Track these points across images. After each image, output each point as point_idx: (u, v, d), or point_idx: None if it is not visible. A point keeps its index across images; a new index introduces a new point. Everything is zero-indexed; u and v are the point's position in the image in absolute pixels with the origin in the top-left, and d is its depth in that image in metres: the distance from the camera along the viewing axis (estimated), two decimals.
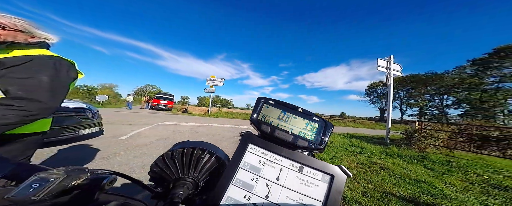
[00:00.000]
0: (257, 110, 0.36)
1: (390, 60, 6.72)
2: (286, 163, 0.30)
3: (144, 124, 6.35)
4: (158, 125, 6.58)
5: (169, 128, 6.11)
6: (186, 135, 5.10)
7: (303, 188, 0.27)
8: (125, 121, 6.89)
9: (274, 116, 0.35)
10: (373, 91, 45.04)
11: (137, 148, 3.23)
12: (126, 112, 11.77)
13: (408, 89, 36.44)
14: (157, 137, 4.41)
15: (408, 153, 4.35)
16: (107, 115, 8.21)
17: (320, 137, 0.34)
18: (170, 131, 5.46)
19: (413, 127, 5.09)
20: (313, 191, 0.27)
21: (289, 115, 0.35)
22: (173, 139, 4.38)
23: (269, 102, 0.36)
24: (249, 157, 0.30)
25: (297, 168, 0.29)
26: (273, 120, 0.35)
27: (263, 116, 0.35)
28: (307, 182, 0.28)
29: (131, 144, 3.50)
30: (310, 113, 0.36)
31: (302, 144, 0.33)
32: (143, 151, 3.11)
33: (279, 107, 0.36)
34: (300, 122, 0.35)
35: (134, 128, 5.32)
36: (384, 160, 3.67)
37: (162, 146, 3.62)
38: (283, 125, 0.34)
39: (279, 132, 0.33)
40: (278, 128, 0.34)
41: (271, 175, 0.29)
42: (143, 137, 4.27)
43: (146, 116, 9.52)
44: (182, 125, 7.23)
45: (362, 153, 4.27)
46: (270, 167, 0.29)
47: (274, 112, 0.35)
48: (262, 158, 0.30)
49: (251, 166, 0.29)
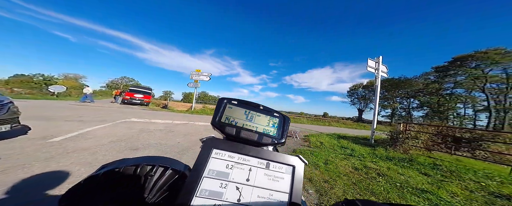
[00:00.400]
0: (220, 112, 0.34)
1: (379, 61, 6.77)
2: (254, 162, 0.29)
3: (100, 121, 5.11)
4: (122, 122, 5.40)
5: (135, 126, 5.02)
6: (157, 135, 4.17)
7: (272, 184, 0.27)
8: (74, 116, 5.50)
9: (239, 116, 0.35)
10: (354, 93, 48.32)
11: (72, 155, 2.28)
12: (83, 105, 9.83)
13: (383, 92, 40.13)
14: (112, 138, 3.42)
15: (395, 155, 4.30)
16: (50, 109, 6.57)
17: (280, 131, 0.35)
18: (136, 130, 4.43)
19: (398, 128, 5.13)
20: (280, 184, 0.28)
21: (253, 114, 0.35)
22: (136, 141, 3.45)
23: (232, 103, 0.35)
24: (214, 164, 0.28)
25: (265, 165, 0.29)
26: (238, 120, 0.34)
27: (227, 117, 0.34)
28: (274, 177, 0.28)
29: (65, 149, 2.51)
30: (271, 110, 0.37)
31: (267, 141, 0.33)
32: (80, 159, 2.19)
33: (243, 107, 0.35)
34: (263, 119, 0.35)
35: (82, 126, 4.15)
36: (377, 163, 3.46)
37: (113, 151, 2.72)
38: (248, 125, 0.34)
39: (245, 132, 0.33)
40: (243, 128, 0.33)
41: (240, 177, 0.27)
42: (90, 138, 3.23)
43: (110, 111, 8.00)
44: (155, 123, 6.14)
45: (353, 155, 4.03)
46: (239, 169, 0.28)
47: (238, 112, 0.35)
48: (230, 161, 0.28)
49: (217, 173, 0.27)
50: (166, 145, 3.44)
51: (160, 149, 3.17)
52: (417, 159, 3.92)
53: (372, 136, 6.22)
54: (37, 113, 5.43)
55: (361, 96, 45.83)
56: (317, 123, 17.53)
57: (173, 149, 3.26)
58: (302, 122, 16.88)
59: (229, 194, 0.25)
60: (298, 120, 17.84)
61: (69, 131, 3.52)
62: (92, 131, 3.84)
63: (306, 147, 4.64)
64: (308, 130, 9.92)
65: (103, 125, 4.59)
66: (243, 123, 0.34)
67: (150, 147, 3.21)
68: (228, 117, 0.34)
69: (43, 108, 6.99)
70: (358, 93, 46.78)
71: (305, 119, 19.41)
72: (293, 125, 12.72)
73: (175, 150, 3.20)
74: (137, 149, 2.99)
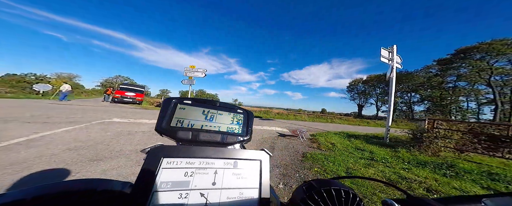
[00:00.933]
0: (167, 115, 0.30)
1: (392, 51, 5.99)
2: (220, 163, 0.27)
3: (71, 122, 4.31)
4: (98, 123, 4.60)
5: (113, 128, 4.23)
6: (137, 139, 3.40)
7: (241, 182, 0.26)
8: (41, 117, 4.67)
9: (196, 117, 0.31)
10: (353, 88, 47.59)
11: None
12: (63, 104, 8.96)
13: (383, 86, 39.50)
14: (72, 144, 2.64)
15: (425, 158, 3.57)
16: (21, 109, 5.70)
17: (245, 128, 0.34)
18: (111, 134, 3.64)
19: (422, 126, 4.40)
20: (249, 181, 0.26)
21: (213, 113, 0.33)
22: (104, 148, 2.69)
23: (185, 102, 0.31)
24: (167, 175, 0.24)
25: (232, 165, 0.27)
26: (195, 122, 0.31)
27: (179, 120, 0.30)
28: (243, 175, 0.27)
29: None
30: (233, 106, 0.35)
31: (232, 139, 0.32)
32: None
33: (200, 106, 0.32)
34: (226, 117, 0.33)
35: (41, 129, 3.35)
36: (412, 171, 2.74)
37: (62, 164, 1.97)
38: (208, 125, 0.32)
39: (205, 134, 0.30)
40: (203, 131, 0.31)
41: (205, 182, 0.25)
42: (38, 146, 2.45)
43: (90, 111, 7.16)
44: (140, 123, 5.34)
45: (375, 160, 3.31)
46: (202, 174, 0.25)
47: (194, 112, 0.31)
48: (189, 168, 0.25)
49: (173, 184, 0.23)
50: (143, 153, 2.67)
51: (134, 158, 2.41)
52: (458, 164, 3.19)
53: (387, 134, 5.52)
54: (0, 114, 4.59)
55: (361, 91, 45.21)
56: (318, 120, 16.87)
57: None
58: (303, 120, 16.19)
59: (192, 203, 0.23)
60: (299, 117, 17.09)
61: (14, 137, 2.72)
62: (49, 135, 3.05)
63: (316, 150, 3.92)
64: (312, 128, 9.22)
65: (71, 127, 3.79)
66: (201, 124, 0.31)
67: (120, 156, 2.44)
68: (180, 119, 0.30)
69: (12, 108, 6.14)
70: (357, 89, 46.17)
71: (306, 116, 18.69)
72: (295, 123, 12.03)
73: None
74: (100, 160, 2.22)
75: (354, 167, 2.78)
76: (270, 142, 4.47)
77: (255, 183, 0.26)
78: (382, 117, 36.81)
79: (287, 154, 3.40)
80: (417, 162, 3.28)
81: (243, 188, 0.26)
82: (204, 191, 0.24)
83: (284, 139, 4.93)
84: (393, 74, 5.80)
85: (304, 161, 2.96)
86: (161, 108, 0.30)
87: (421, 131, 4.28)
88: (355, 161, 3.10)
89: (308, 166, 2.74)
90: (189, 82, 12.39)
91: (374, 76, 42.15)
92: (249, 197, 0.25)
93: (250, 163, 0.28)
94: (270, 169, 0.29)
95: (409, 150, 4.03)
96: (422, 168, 2.93)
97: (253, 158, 0.28)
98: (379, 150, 4.12)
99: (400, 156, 3.66)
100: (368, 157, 3.51)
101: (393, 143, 5.10)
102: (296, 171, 2.51)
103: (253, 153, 0.29)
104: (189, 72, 12.10)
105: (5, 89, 15.02)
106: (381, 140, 5.71)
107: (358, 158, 3.33)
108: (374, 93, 43.57)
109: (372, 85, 43.22)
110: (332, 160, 3.03)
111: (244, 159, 0.28)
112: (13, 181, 1.55)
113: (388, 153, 3.86)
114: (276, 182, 2.14)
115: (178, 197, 0.23)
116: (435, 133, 4.11)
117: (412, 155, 3.71)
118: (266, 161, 0.29)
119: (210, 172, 0.26)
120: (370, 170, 2.63)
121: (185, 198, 0.23)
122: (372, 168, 2.79)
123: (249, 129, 0.34)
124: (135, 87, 15.61)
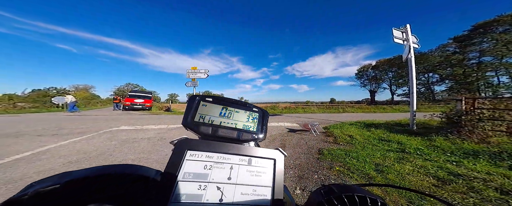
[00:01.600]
0: (192, 111, 0.32)
1: (406, 30, 5.32)
2: (236, 159, 0.28)
3: (79, 133, 4.32)
4: (106, 132, 4.57)
5: (119, 136, 4.17)
6: (141, 146, 3.27)
7: (254, 179, 0.27)
8: (52, 129, 4.76)
9: (215, 113, 0.33)
10: (363, 74, 45.24)
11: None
12: (76, 116, 9.30)
13: (396, 70, 36.99)
14: (74, 157, 2.54)
15: (472, 147, 2.93)
16: (36, 122, 5.92)
17: (260, 126, 0.34)
18: (116, 142, 3.55)
19: (458, 107, 3.73)
20: (263, 179, 0.27)
21: (231, 110, 0.34)
22: (106, 158, 2.56)
23: (206, 100, 0.33)
24: (190, 166, 0.25)
25: (247, 162, 0.28)
26: (215, 118, 0.33)
27: (201, 116, 0.32)
28: (256, 173, 0.27)
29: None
30: (250, 104, 0.36)
31: (247, 137, 0.33)
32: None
33: (219, 103, 0.34)
34: (242, 115, 0.34)
35: (48, 142, 3.33)
36: (464, 166, 2.23)
37: None
38: (226, 122, 0.33)
39: (223, 131, 0.32)
40: (221, 127, 0.32)
41: (221, 176, 0.26)
42: (41, 160, 2.36)
43: (101, 120, 7.31)
44: (146, 130, 5.28)
45: (406, 152, 2.85)
46: (219, 168, 0.26)
47: (214, 109, 0.33)
48: (208, 162, 0.26)
49: (194, 175, 0.25)
50: (147, 161, 2.50)
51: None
52: None
53: (412, 120, 4.91)
54: (15, 129, 4.74)
55: (372, 77, 42.69)
56: (329, 111, 16.04)
57: (155, 165, 2.31)
58: (313, 111, 15.48)
59: (209, 195, 0.24)
60: (308, 110, 16.33)
61: (19, 152, 2.68)
62: (55, 148, 3.00)
63: (333, 145, 3.52)
64: (324, 120, 8.70)
65: (78, 138, 3.76)
66: (220, 121, 0.33)
67: None
68: (203, 115, 0.32)
69: (30, 121, 6.43)
70: (367, 75, 43.63)
71: (315, 108, 17.89)
72: (305, 116, 11.52)
73: (158, 166, 2.25)
74: None
75: (384, 163, 2.37)
76: (280, 139, 4.13)
77: (268, 181, 0.27)
78: (399, 101, 34.71)
79: (300, 152, 3.05)
80: (464, 152, 2.72)
81: (257, 185, 0.26)
82: (220, 185, 0.25)
83: (295, 135, 4.57)
84: (411, 54, 5.13)
85: (322, 159, 2.59)
86: (187, 105, 0.33)
87: (459, 114, 3.64)
88: (383, 155, 2.67)
89: (327, 165, 2.38)
90: (192, 84, 12.33)
91: (384, 60, 39.73)
92: (262, 195, 0.26)
93: (264, 161, 0.28)
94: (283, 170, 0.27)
95: (446, 137, 3.44)
96: (475, 160, 2.40)
97: (267, 157, 0.29)
98: (408, 139, 3.61)
99: (437, 145, 3.12)
100: (397, 148, 3.05)
101: (422, 130, 4.50)
102: (314, 172, 2.17)
103: (268, 152, 0.29)
104: (192, 73, 12.02)
105: (29, 105, 16.19)
106: (406, 127, 5.10)
107: (385, 151, 2.89)
108: (387, 77, 41.22)
109: (383, 70, 40.76)
110: (355, 156, 2.63)
111: (258, 157, 0.28)
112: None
113: (420, 143, 3.34)
114: (292, 186, 1.83)
115: (198, 188, 0.24)
116: (478, 114, 3.46)
117: (453, 144, 3.13)
118: (280, 160, 0.29)
119: (227, 167, 0.27)
120: (406, 167, 2.20)
121: (204, 190, 0.24)
122: (408, 163, 2.35)
123: (264, 128, 0.34)
124: (143, 93, 15.99)
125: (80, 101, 27.97)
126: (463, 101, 3.77)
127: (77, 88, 48.79)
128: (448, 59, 28.22)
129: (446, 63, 28.87)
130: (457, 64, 27.66)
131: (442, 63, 29.22)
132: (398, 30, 5.35)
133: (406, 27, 5.34)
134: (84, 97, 34.18)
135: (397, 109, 16.76)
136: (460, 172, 1.98)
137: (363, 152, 2.84)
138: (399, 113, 13.21)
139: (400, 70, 35.48)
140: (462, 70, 27.28)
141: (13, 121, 6.69)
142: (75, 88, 48.54)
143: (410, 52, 5.17)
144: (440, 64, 29.61)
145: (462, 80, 27.27)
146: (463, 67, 27.23)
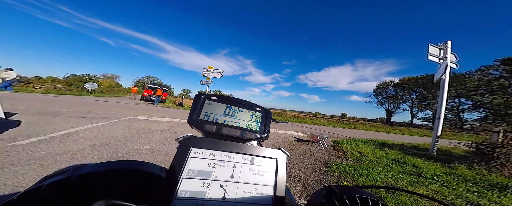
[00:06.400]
0: (197, 109, 0.32)
1: (445, 47, 4.91)
2: (238, 158, 0.28)
3: (103, 118, 4.76)
4: (125, 120, 4.99)
5: (137, 125, 4.51)
6: (155, 137, 3.50)
7: (257, 178, 0.27)
8: (82, 112, 5.33)
9: (219, 112, 0.33)
10: (381, 92, 42.53)
11: (13, 169, 1.61)
12: (101, 101, 10.24)
13: (421, 90, 33.96)
14: (97, 141, 2.82)
15: (500, 180, 2.63)
16: (67, 104, 6.67)
17: (263, 126, 0.35)
18: (133, 131, 3.85)
19: (493, 138, 3.34)
20: (265, 178, 0.27)
21: (235, 109, 0.34)
22: (124, 145, 2.81)
23: (211, 98, 0.34)
24: (194, 163, 0.26)
25: (249, 161, 0.28)
26: (219, 117, 0.33)
27: (206, 114, 0.33)
28: (259, 172, 0.28)
29: (20, 156, 1.90)
30: (253, 104, 0.36)
31: (250, 136, 0.33)
32: (19, 175, 1.49)
33: (224, 102, 0.34)
34: (246, 114, 0.35)
35: (78, 124, 3.74)
36: (487, 197, 2.01)
37: (83, 160, 2.06)
38: (230, 121, 0.33)
39: (227, 129, 0.32)
40: (225, 125, 0.33)
41: (224, 175, 0.26)
42: (70, 140, 2.67)
43: (122, 108, 7.97)
44: (160, 121, 5.63)
45: (423, 176, 2.62)
46: (223, 167, 0.27)
47: (218, 108, 0.34)
48: (212, 159, 0.27)
49: (198, 172, 0.25)
50: (159, 152, 2.67)
51: (150, 157, 2.41)
52: None
53: (433, 145, 4.47)
54: (54, 109, 5.44)
55: (391, 95, 39.84)
56: (339, 126, 15.30)
57: (166, 157, 2.46)
58: (322, 124, 14.92)
59: (212, 193, 0.24)
60: (316, 121, 15.81)
61: (54, 130, 3.06)
62: (83, 130, 3.36)
63: (342, 160, 3.36)
64: (333, 134, 8.33)
65: (102, 123, 4.16)
66: (224, 119, 0.33)
67: (137, 154, 2.48)
68: (207, 113, 0.33)
69: (65, 103, 7.30)
70: (387, 92, 40.85)
71: (325, 120, 17.23)
72: (313, 127, 11.16)
73: (169, 158, 2.40)
74: (119, 158, 2.26)
75: (395, 184, 2.22)
76: (286, 147, 4.08)
77: (270, 181, 0.27)
78: (418, 125, 31.55)
79: (307, 162, 2.98)
80: (489, 184, 2.45)
81: (259, 184, 0.26)
82: (223, 183, 0.25)
83: (301, 145, 4.47)
84: (446, 74, 4.72)
85: (329, 172, 2.50)
86: (193, 103, 0.33)
87: (493, 146, 3.25)
88: (395, 176, 2.49)
89: (334, 178, 2.30)
90: (206, 82, 12.87)
91: (409, 79, 36.81)
92: (264, 194, 0.26)
93: (267, 160, 0.28)
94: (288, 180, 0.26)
95: (471, 167, 3.10)
96: (501, 193, 2.13)
97: (269, 156, 0.29)
98: (426, 164, 3.30)
99: (458, 173, 2.82)
100: (412, 171, 2.81)
101: (442, 156, 4.10)
102: (320, 184, 2.11)
103: (270, 151, 0.29)
104: (207, 72, 12.58)
105: (66, 87, 18.72)
106: (424, 152, 4.67)
107: (398, 172, 2.69)
108: (409, 97, 37.96)
109: (406, 89, 37.76)
110: (365, 173, 2.49)
111: (261, 156, 0.28)
112: (38, 176, 1.62)
113: (439, 169, 3.04)
114: (296, 196, 1.80)
115: (201, 186, 0.24)
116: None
117: (478, 174, 2.83)
118: (282, 160, 0.29)
119: (229, 165, 0.27)
120: (420, 190, 2.04)
121: (207, 187, 0.24)
122: (423, 186, 2.16)
123: (267, 127, 0.35)
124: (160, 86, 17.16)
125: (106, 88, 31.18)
126: (501, 133, 3.36)
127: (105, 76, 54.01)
128: (489, 84, 24.78)
129: (485, 89, 25.30)
130: (499, 91, 24.28)
131: (480, 88, 25.64)
132: (435, 47, 4.95)
133: (447, 43, 4.90)
134: (109, 85, 37.90)
135: (415, 132, 15.33)
136: (482, 203, 1.79)
137: (374, 170, 2.67)
138: (417, 136, 12.09)
139: (425, 91, 32.55)
140: (504, 98, 23.81)
141: (54, 101, 7.66)
142: (104, 76, 53.72)
143: (445, 72, 4.71)
144: (477, 89, 26.00)
145: (502, 110, 23.81)
146: (507, 95, 23.83)
